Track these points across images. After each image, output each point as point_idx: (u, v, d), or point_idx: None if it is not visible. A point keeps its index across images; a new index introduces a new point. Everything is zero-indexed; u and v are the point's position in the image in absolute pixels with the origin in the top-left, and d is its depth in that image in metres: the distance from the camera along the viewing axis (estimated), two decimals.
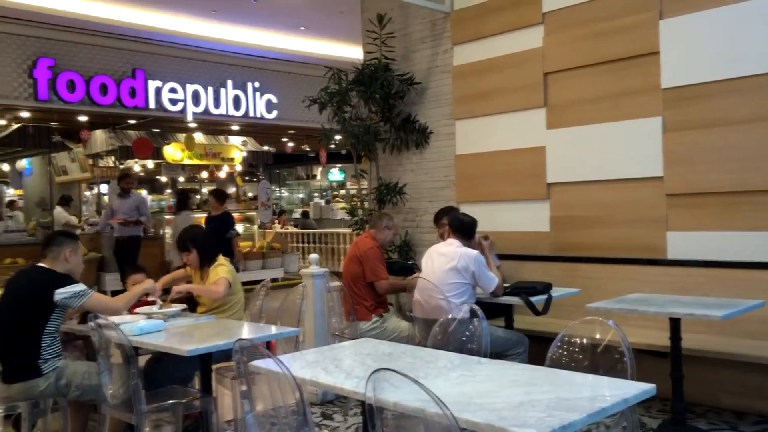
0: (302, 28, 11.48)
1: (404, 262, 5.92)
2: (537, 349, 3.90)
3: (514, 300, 4.45)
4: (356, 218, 6.59)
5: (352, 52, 9.25)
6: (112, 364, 3.44)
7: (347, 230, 10.47)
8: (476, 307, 3.56)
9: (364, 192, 6.92)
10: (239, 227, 12.38)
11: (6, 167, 15.68)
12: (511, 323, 4.72)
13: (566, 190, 5.36)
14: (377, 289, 4.77)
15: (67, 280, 3.63)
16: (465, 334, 3.42)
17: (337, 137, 6.88)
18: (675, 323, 3.88)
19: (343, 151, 14.79)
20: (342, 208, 15.21)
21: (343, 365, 2.78)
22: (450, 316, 3.57)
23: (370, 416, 2.26)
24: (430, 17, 6.33)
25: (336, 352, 3.10)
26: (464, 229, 4.49)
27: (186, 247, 4.39)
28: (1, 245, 9.77)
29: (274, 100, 13.04)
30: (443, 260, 4.36)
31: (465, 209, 5.38)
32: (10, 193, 14.51)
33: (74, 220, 12.48)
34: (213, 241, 4.68)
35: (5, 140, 12.51)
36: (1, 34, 9.94)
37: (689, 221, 4.68)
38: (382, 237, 4.96)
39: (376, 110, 6.48)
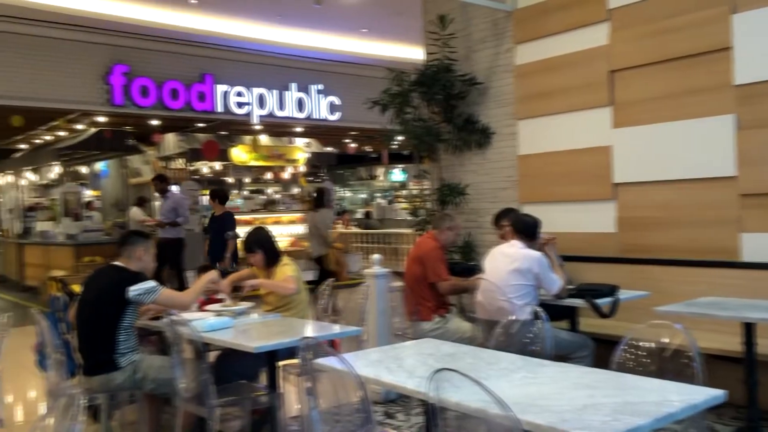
0: (364, 30, 11.59)
1: (467, 263, 5.90)
2: (603, 353, 3.83)
3: (578, 302, 4.38)
4: (418, 218, 6.62)
5: (413, 53, 9.26)
6: (184, 359, 3.58)
7: (409, 230, 10.46)
8: (539, 309, 3.53)
9: (426, 192, 6.93)
10: (301, 228, 12.59)
11: (84, 170, 16.44)
12: (575, 325, 4.64)
13: (634, 190, 5.24)
14: (439, 289, 4.77)
15: (139, 277, 3.79)
16: (528, 335, 3.40)
17: (399, 138, 6.92)
18: (749, 328, 3.74)
19: (405, 152, 14.81)
20: (404, 209, 15.25)
21: (406, 365, 2.81)
22: (513, 318, 3.56)
23: (432, 416, 2.29)
24: (491, 17, 6.30)
25: (398, 351, 3.14)
26: (527, 229, 4.44)
27: (252, 249, 4.52)
28: (80, 244, 10.26)
29: (337, 101, 13.20)
30: (506, 261, 4.32)
31: (527, 210, 5.33)
32: (88, 194, 15.18)
33: (149, 219, 12.93)
34: (274, 242, 4.70)
35: (83, 144, 13.15)
36: (78, 42, 10.40)
37: (765, 222, 4.50)
38: (444, 238, 4.94)
39: (437, 111, 6.49)
